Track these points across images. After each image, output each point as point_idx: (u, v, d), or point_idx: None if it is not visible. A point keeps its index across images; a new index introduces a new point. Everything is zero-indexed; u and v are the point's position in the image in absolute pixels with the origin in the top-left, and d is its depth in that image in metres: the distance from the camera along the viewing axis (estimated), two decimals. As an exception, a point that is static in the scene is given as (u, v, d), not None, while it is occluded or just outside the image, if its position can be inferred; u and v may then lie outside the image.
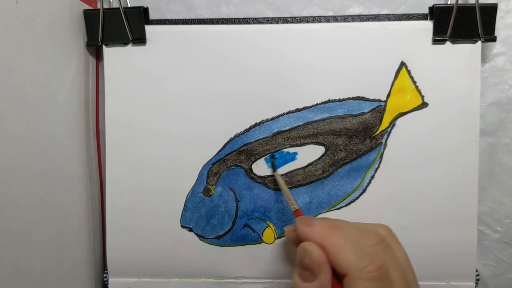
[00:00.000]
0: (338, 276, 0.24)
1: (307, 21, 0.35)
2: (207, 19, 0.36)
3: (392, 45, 0.34)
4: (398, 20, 0.35)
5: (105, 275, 0.38)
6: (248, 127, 0.35)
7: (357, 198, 0.35)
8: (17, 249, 0.29)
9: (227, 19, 0.36)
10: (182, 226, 0.37)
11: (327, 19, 0.35)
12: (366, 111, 0.35)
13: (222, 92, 0.35)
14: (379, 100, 0.35)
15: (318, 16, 0.35)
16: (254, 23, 0.35)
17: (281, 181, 0.33)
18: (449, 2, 0.34)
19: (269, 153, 0.35)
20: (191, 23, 0.36)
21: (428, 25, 0.34)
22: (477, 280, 0.36)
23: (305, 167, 0.35)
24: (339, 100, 0.35)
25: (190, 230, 0.37)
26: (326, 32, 0.34)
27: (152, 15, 0.37)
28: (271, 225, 0.36)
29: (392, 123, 0.35)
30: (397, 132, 0.35)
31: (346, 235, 0.25)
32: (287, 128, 0.35)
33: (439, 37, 0.33)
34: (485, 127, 0.36)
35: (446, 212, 0.35)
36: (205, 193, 0.36)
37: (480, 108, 0.34)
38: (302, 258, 0.25)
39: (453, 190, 0.35)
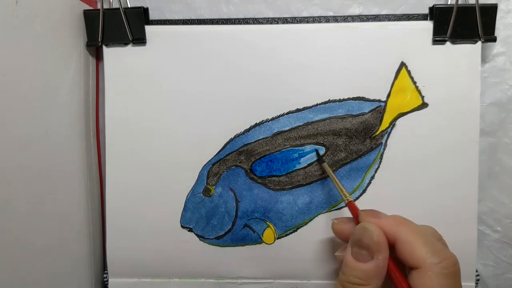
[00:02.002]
0: (399, 266, 0.24)
1: (307, 21, 0.35)
2: (207, 19, 0.36)
3: (392, 45, 0.34)
4: (398, 20, 0.35)
5: (105, 275, 0.38)
6: (248, 127, 0.35)
7: (357, 198, 0.35)
8: (17, 249, 0.29)
9: (227, 19, 0.36)
10: (182, 227, 0.37)
11: (327, 19, 0.35)
12: (366, 111, 0.35)
13: (222, 92, 0.35)
14: (379, 101, 0.35)
15: (318, 16, 0.35)
16: (254, 23, 0.35)
17: (332, 173, 0.33)
18: (449, 2, 0.34)
19: (269, 153, 0.35)
20: (191, 23, 0.36)
21: (428, 25, 0.34)
22: (477, 280, 0.36)
23: (305, 167, 0.35)
24: (339, 100, 0.35)
25: (190, 230, 0.37)
26: (326, 32, 0.34)
27: (152, 15, 0.37)
28: (271, 225, 0.36)
29: (392, 124, 0.35)
30: (397, 132, 0.35)
31: (417, 229, 0.25)
32: (287, 128, 0.35)
33: (439, 37, 0.33)
34: (485, 127, 0.36)
35: (446, 212, 0.35)
36: (205, 193, 0.36)
37: (480, 108, 0.34)
38: (360, 237, 0.25)
39: (453, 190, 0.34)
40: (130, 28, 0.35)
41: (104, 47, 0.35)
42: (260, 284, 0.37)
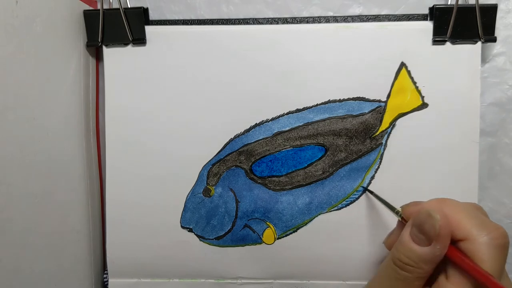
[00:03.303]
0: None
1: (307, 22, 0.35)
2: (207, 19, 0.36)
3: (392, 45, 0.34)
4: (398, 20, 0.35)
5: (105, 275, 0.38)
6: (248, 127, 0.35)
7: (357, 198, 0.35)
8: (17, 249, 0.29)
9: (227, 19, 0.36)
10: (182, 227, 0.37)
11: (327, 19, 0.35)
12: (366, 111, 0.35)
13: (222, 92, 0.35)
14: (379, 101, 0.35)
15: (318, 17, 0.35)
16: (254, 23, 0.35)
17: (380, 197, 0.33)
18: (449, 3, 0.34)
19: (269, 154, 0.35)
20: (191, 23, 0.36)
21: (428, 25, 0.34)
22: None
23: (305, 167, 0.35)
24: (339, 101, 0.35)
25: (190, 230, 0.37)
26: (326, 32, 0.34)
27: (152, 15, 0.37)
28: (271, 225, 0.36)
29: (392, 124, 0.35)
30: (397, 132, 0.35)
31: (462, 204, 0.25)
32: (287, 128, 0.35)
33: (439, 37, 0.34)
34: (485, 127, 0.36)
35: (446, 213, 0.35)
36: (205, 193, 0.36)
37: (480, 108, 0.34)
38: (422, 223, 0.25)
39: (453, 190, 0.34)
40: (130, 28, 0.35)
41: (104, 47, 0.35)
42: (260, 284, 0.37)
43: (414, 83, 0.34)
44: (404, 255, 0.25)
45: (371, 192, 0.34)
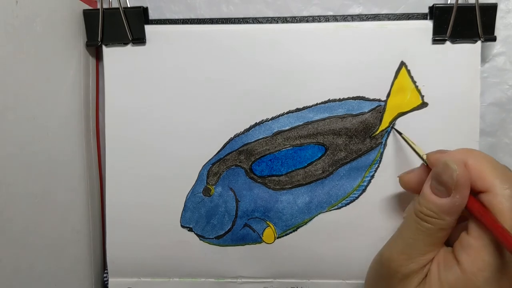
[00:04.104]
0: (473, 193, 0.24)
1: (307, 21, 0.35)
2: (207, 19, 0.36)
3: (392, 44, 0.34)
4: (398, 20, 0.35)
5: (105, 275, 0.38)
6: (248, 127, 0.35)
7: (357, 197, 0.35)
8: (17, 249, 0.29)
9: (227, 19, 0.36)
10: (182, 226, 0.37)
11: (327, 18, 0.35)
12: (366, 110, 0.35)
13: (222, 91, 0.35)
14: (379, 100, 0.35)
15: (318, 16, 0.35)
16: (254, 23, 0.35)
17: (407, 139, 0.33)
18: (449, 2, 0.34)
19: (269, 153, 0.35)
20: (191, 23, 0.36)
21: (428, 24, 0.34)
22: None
23: (305, 167, 0.35)
24: (339, 100, 0.35)
25: (190, 230, 0.37)
26: (326, 32, 0.34)
27: (152, 15, 0.37)
28: (271, 225, 0.36)
29: (392, 123, 0.35)
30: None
31: (486, 156, 0.25)
32: (287, 128, 0.35)
33: (439, 37, 0.33)
34: (485, 127, 0.36)
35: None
36: (205, 193, 0.36)
37: (480, 108, 0.34)
38: (441, 174, 0.25)
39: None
40: (130, 27, 0.35)
41: (104, 47, 0.35)
42: (260, 284, 0.37)
43: (414, 82, 0.34)
44: (426, 207, 0.25)
45: (399, 133, 0.34)
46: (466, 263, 0.24)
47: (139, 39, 0.35)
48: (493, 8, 0.33)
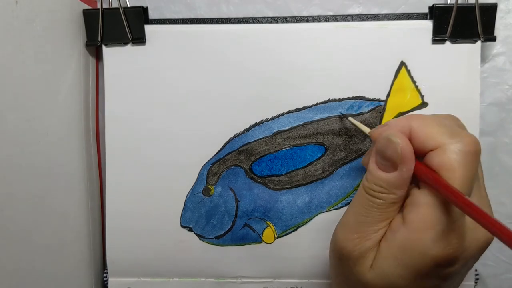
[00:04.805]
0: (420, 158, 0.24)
1: (307, 21, 0.35)
2: (207, 18, 0.36)
3: (392, 44, 0.34)
4: (398, 19, 0.35)
5: (105, 275, 0.38)
6: (248, 126, 0.35)
7: (357, 197, 0.35)
8: (17, 249, 0.29)
9: (227, 18, 0.36)
10: (182, 226, 0.37)
11: (326, 18, 0.35)
12: (366, 110, 0.35)
13: (222, 91, 0.35)
14: (379, 100, 0.35)
15: (318, 16, 0.35)
16: (254, 23, 0.35)
17: (352, 121, 0.33)
18: (449, 2, 0.34)
19: (269, 153, 0.35)
20: (191, 23, 0.36)
21: (428, 24, 0.34)
22: (476, 279, 0.36)
23: (305, 167, 0.35)
24: (339, 100, 0.35)
25: (190, 230, 0.37)
26: (326, 32, 0.34)
27: (152, 15, 0.37)
28: (271, 224, 0.36)
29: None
30: (397, 132, 0.35)
31: (431, 116, 0.25)
32: (287, 128, 0.35)
33: (439, 36, 0.33)
34: (485, 127, 0.36)
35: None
36: (205, 193, 0.36)
37: (480, 108, 0.34)
38: (384, 149, 0.24)
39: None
40: (130, 27, 0.35)
41: (103, 46, 0.35)
42: (260, 284, 0.37)
43: (414, 82, 0.34)
44: (375, 183, 0.25)
45: (345, 116, 0.34)
46: (414, 221, 0.23)
47: (139, 39, 0.35)
48: (493, 8, 0.33)
